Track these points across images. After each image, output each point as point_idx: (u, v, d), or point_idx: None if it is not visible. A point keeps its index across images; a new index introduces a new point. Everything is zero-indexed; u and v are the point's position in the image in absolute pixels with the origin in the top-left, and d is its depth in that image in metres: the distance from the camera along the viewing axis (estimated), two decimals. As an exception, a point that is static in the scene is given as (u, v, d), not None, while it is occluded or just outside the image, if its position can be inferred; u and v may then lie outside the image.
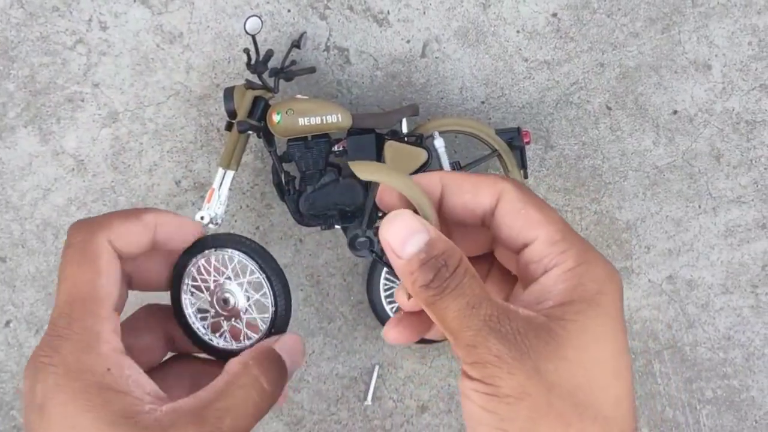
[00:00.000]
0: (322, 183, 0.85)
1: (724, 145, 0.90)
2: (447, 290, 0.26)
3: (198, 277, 0.34)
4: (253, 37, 0.80)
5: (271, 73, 0.83)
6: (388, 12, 0.90)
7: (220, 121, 0.92)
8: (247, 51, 0.81)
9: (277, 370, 0.30)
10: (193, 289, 0.35)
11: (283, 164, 0.85)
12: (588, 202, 0.91)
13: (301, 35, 0.90)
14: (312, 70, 0.86)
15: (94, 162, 0.92)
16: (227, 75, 0.92)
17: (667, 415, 0.91)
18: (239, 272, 0.35)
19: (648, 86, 0.90)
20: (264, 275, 0.35)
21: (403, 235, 0.27)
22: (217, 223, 0.83)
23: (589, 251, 0.28)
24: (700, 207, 0.90)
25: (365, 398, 0.78)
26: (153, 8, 0.90)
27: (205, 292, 0.35)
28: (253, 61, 0.81)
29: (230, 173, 0.83)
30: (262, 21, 0.81)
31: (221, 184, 0.83)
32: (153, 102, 0.91)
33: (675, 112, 0.85)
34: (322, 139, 0.85)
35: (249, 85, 0.82)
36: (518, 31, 0.90)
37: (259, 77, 0.82)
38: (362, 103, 0.92)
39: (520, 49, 0.90)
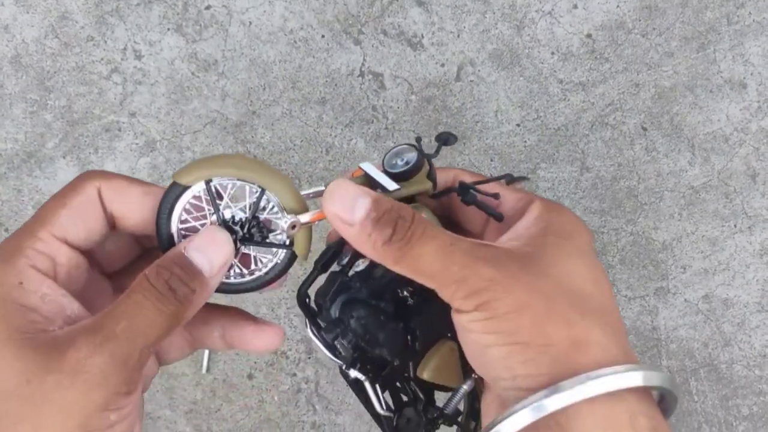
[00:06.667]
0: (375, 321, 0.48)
1: (760, 164, 0.90)
2: (414, 237, 0.26)
3: (189, 217, 0.31)
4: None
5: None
6: (422, 36, 0.90)
7: (256, 148, 0.92)
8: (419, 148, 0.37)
9: (181, 271, 0.28)
10: (186, 233, 0.31)
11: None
12: (624, 224, 0.91)
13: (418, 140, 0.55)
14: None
15: (132, 191, 0.92)
16: (262, 102, 0.92)
17: (703, 432, 0.92)
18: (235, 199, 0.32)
19: (683, 106, 0.90)
20: (260, 189, 0.31)
21: (348, 203, 0.27)
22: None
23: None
24: (735, 226, 0.90)
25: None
26: (187, 36, 0.90)
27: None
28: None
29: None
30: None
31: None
32: (190, 130, 0.92)
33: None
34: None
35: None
36: (553, 53, 0.90)
37: None
38: (398, 128, 0.93)
39: (554, 71, 0.90)
